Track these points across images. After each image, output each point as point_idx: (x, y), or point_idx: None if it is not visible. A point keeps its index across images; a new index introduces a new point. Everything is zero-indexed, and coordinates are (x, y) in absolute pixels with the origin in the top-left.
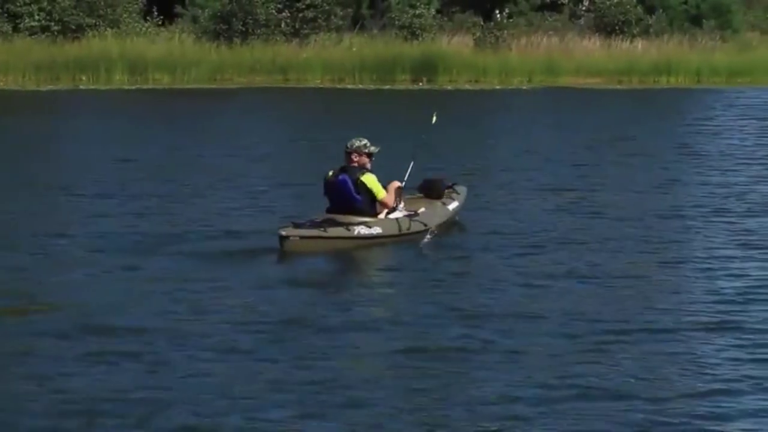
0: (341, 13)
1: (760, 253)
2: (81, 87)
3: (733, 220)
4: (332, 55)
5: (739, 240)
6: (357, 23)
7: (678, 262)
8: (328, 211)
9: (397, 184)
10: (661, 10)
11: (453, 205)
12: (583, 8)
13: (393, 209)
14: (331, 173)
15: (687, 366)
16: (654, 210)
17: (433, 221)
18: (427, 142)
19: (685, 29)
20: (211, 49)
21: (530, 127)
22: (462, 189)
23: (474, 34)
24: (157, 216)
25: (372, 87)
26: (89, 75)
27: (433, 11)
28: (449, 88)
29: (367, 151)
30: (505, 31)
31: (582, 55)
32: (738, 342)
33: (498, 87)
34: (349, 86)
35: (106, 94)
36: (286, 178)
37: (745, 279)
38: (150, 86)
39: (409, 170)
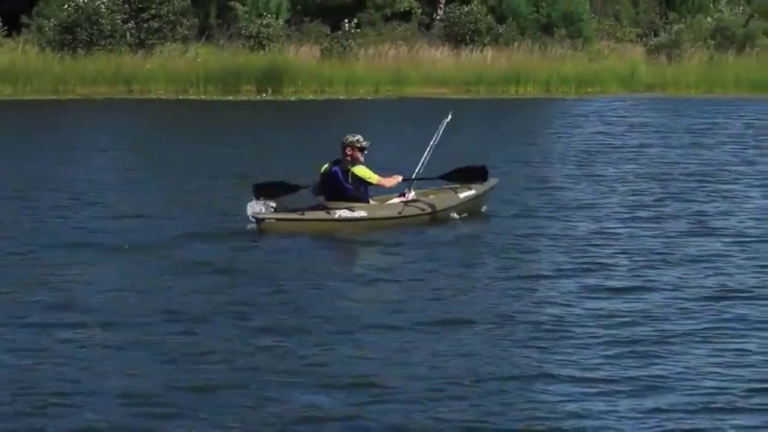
0: (187, 23)
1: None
2: None
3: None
4: (177, 66)
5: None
6: (204, 33)
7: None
8: (326, 199)
9: (399, 178)
10: (511, 19)
11: (465, 194)
12: (438, 17)
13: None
14: (326, 166)
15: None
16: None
17: (431, 207)
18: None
19: (536, 38)
20: (55, 60)
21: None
22: (491, 179)
23: (321, 45)
24: None
25: (215, 98)
26: None
27: (281, 21)
28: (293, 98)
29: (359, 145)
30: (353, 41)
31: (430, 65)
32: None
33: (343, 97)
34: (192, 97)
35: None
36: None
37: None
38: None
39: (420, 163)
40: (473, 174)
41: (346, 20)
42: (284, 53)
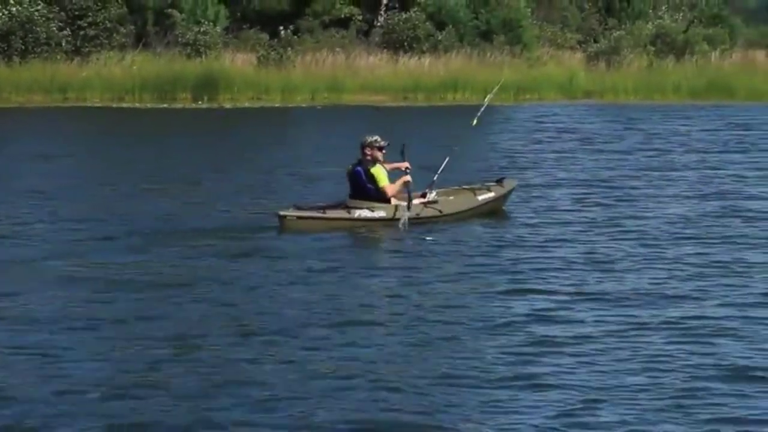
0: (124, 30)
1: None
2: None
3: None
4: (113, 74)
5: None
6: (141, 41)
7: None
8: (349, 197)
9: (406, 178)
10: (450, 26)
11: (484, 196)
12: (378, 23)
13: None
14: (350, 166)
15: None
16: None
17: (449, 209)
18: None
19: (474, 45)
20: None
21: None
22: (510, 182)
23: (258, 52)
24: None
25: (150, 106)
26: None
27: (219, 29)
28: (228, 106)
29: (378, 145)
30: (289, 49)
31: (368, 73)
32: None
33: (278, 105)
34: (128, 105)
35: None
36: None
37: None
38: None
39: (443, 165)
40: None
41: (281, 28)
42: (221, 61)
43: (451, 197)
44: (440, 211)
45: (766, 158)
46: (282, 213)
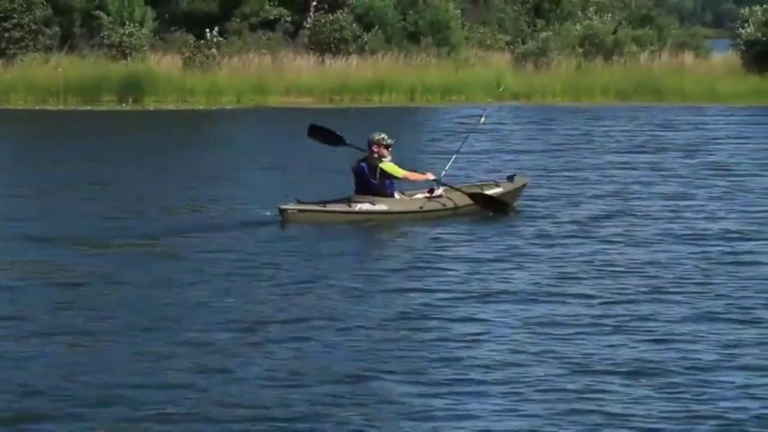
0: (50, 32)
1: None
2: None
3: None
4: (37, 76)
5: None
6: (67, 43)
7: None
8: (354, 193)
9: (429, 175)
10: (377, 28)
11: (492, 191)
12: (307, 25)
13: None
14: (355, 162)
15: None
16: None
17: (454, 203)
18: None
19: (402, 47)
20: None
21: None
22: (521, 179)
23: (183, 54)
24: None
25: (74, 108)
26: None
27: (145, 30)
28: (152, 108)
29: (384, 143)
30: (215, 50)
31: (294, 74)
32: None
33: (203, 107)
34: (52, 108)
35: None
36: None
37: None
38: None
39: (449, 164)
40: (491, 206)
41: (207, 29)
42: (146, 63)
43: (459, 193)
44: (444, 205)
45: (676, 159)
46: (283, 207)
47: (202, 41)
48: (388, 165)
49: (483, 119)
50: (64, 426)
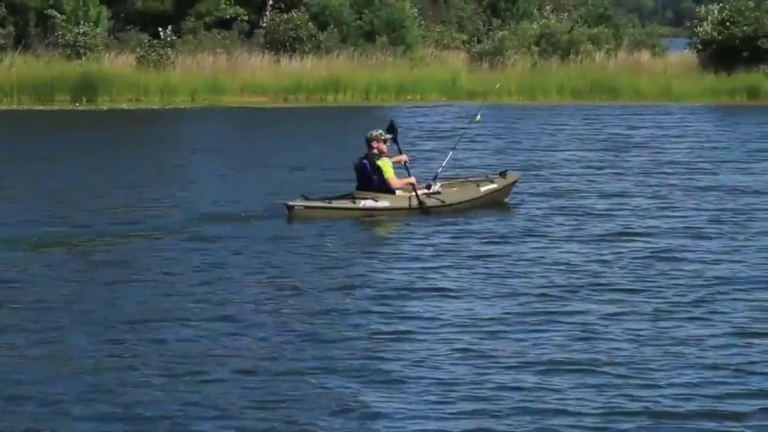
0: (3, 32)
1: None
2: None
3: None
4: None
5: None
6: (21, 42)
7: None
8: (356, 189)
9: (411, 180)
10: (332, 27)
11: (486, 187)
12: (264, 23)
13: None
14: (357, 160)
15: None
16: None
17: (453, 199)
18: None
19: (358, 46)
20: None
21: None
22: (512, 174)
23: (137, 53)
24: None
25: (27, 107)
26: None
27: (99, 29)
28: (105, 108)
29: (383, 138)
30: (169, 50)
31: (249, 74)
32: None
33: (157, 107)
34: (4, 107)
35: None
36: None
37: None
38: None
39: (446, 160)
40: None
41: (161, 28)
42: (100, 62)
43: (455, 188)
44: (443, 201)
45: (624, 157)
46: (290, 203)
47: (156, 40)
48: (383, 163)
49: (478, 117)
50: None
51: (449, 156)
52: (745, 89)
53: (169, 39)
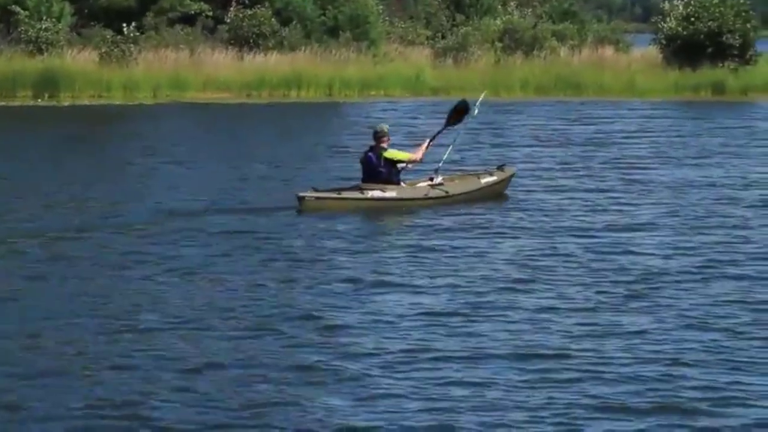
0: None
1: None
2: None
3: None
4: None
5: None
6: None
7: None
8: (362, 181)
9: (423, 145)
10: (296, 22)
11: (486, 179)
12: (228, 19)
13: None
14: (363, 154)
15: None
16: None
17: (455, 190)
18: None
19: (322, 41)
20: None
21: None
22: (510, 168)
23: (100, 49)
24: None
25: None
26: None
27: (62, 25)
28: (66, 104)
29: (387, 131)
30: (132, 45)
31: (212, 69)
32: None
33: (119, 103)
34: None
35: None
36: None
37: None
38: None
39: (447, 152)
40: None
41: (125, 24)
42: (63, 58)
43: (457, 181)
44: (447, 192)
45: (582, 153)
46: (301, 194)
47: (119, 36)
48: (390, 152)
49: (476, 111)
50: None
51: (449, 150)
52: (710, 85)
53: (132, 35)
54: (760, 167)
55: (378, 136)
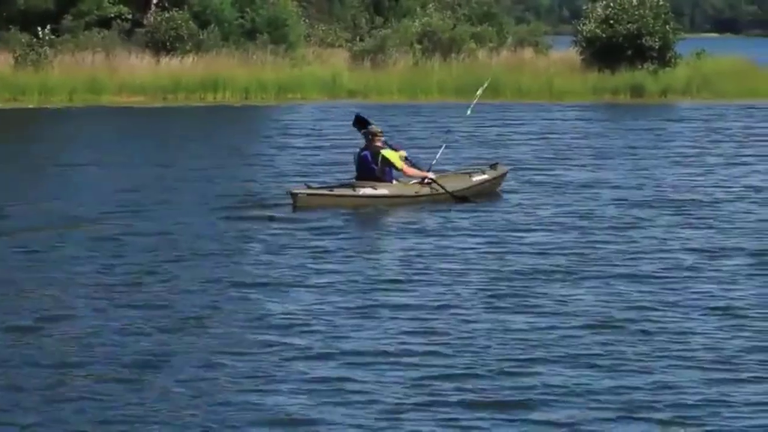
0: None
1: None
2: None
3: None
4: None
5: None
6: None
7: None
8: (356, 179)
9: (426, 173)
10: (214, 25)
11: (478, 178)
12: (146, 22)
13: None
14: (358, 151)
15: None
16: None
17: (449, 188)
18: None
19: (240, 44)
20: None
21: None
22: (502, 167)
23: (15, 52)
24: None
25: None
26: None
27: None
28: None
29: (379, 132)
30: (47, 49)
31: (128, 73)
32: None
33: (34, 106)
34: None
35: None
36: None
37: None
38: None
39: (439, 153)
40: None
41: (40, 27)
42: None
43: (449, 179)
44: (437, 190)
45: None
46: (294, 191)
47: (35, 39)
48: (389, 153)
49: (469, 111)
50: None
51: (441, 149)
52: (629, 87)
53: (48, 38)
54: (662, 168)
55: (371, 135)
